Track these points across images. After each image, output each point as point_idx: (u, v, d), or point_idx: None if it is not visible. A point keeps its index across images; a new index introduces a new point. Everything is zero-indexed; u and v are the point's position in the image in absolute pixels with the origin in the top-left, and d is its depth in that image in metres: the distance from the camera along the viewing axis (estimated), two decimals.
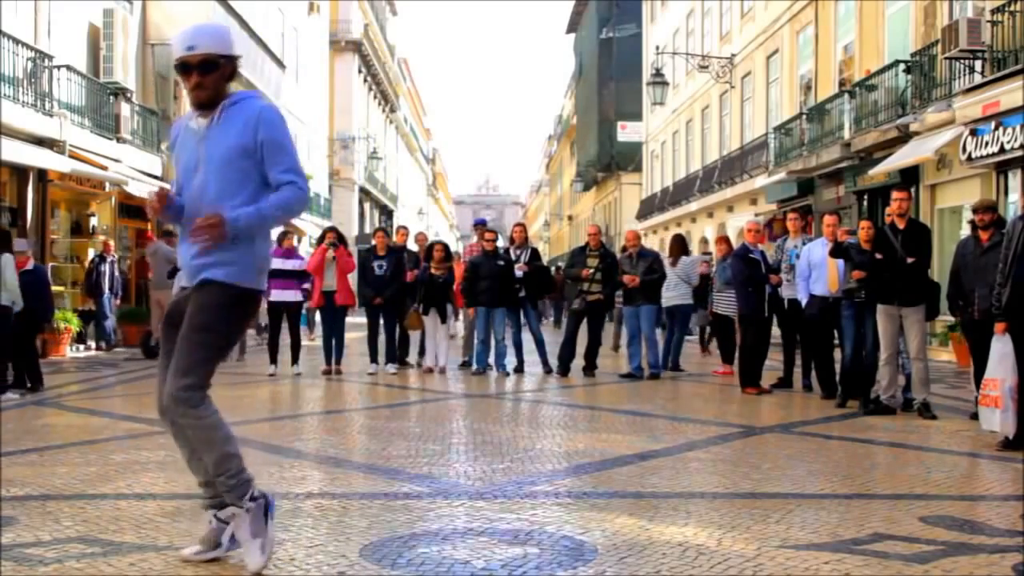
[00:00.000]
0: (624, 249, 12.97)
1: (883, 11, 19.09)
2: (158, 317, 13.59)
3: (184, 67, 3.75)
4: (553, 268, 23.29)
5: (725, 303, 13.30)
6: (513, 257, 12.92)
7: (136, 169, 19.00)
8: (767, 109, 26.54)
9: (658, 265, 12.38)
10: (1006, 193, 14.31)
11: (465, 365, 13.38)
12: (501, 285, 12.41)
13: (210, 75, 3.74)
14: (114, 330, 17.26)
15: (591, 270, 12.38)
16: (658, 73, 28.96)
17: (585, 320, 12.55)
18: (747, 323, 10.70)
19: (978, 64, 14.28)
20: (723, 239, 14.55)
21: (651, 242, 36.29)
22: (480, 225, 14.27)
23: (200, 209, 3.73)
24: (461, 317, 13.79)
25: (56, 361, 14.97)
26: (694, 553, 4.08)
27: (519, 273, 12.70)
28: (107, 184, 17.71)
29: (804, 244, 10.60)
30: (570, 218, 68.69)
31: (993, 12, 13.98)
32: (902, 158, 16.00)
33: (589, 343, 12.58)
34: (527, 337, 13.08)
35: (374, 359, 12.75)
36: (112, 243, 17.76)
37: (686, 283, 13.30)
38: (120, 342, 17.50)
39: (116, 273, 17.19)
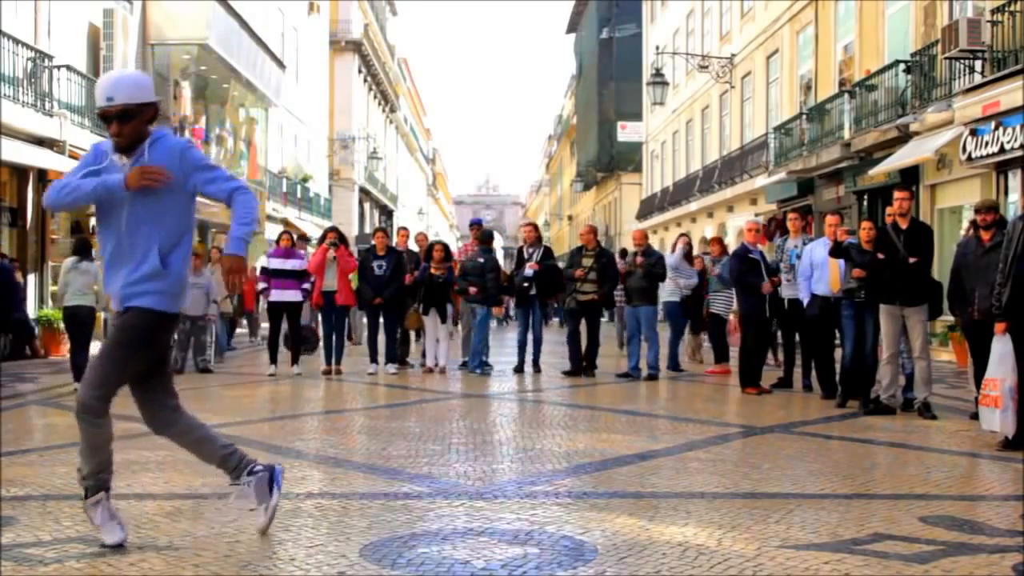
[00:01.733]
0: (623, 252, 12.97)
1: (883, 11, 19.08)
2: None
3: (104, 116, 4.06)
4: None
5: (720, 303, 13.32)
6: (526, 256, 12.94)
7: None
8: (767, 109, 26.55)
9: (660, 267, 12.38)
10: (1006, 193, 14.31)
11: (465, 365, 13.37)
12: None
13: (128, 123, 4.03)
14: None
15: (585, 270, 12.38)
16: (658, 73, 28.96)
17: (583, 320, 12.58)
18: (747, 323, 10.69)
19: (978, 64, 14.28)
20: (717, 240, 14.57)
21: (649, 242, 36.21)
22: (476, 225, 14.26)
23: (131, 238, 4.07)
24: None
25: (56, 361, 14.97)
26: (694, 553, 4.08)
27: (529, 272, 12.71)
28: None
29: (804, 244, 10.60)
30: (570, 218, 68.71)
31: (993, 12, 13.98)
32: (902, 158, 16.00)
33: (588, 343, 12.58)
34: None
35: (374, 359, 12.75)
36: None
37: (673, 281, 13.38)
38: None
39: None
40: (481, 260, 12.74)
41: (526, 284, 12.69)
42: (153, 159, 4.05)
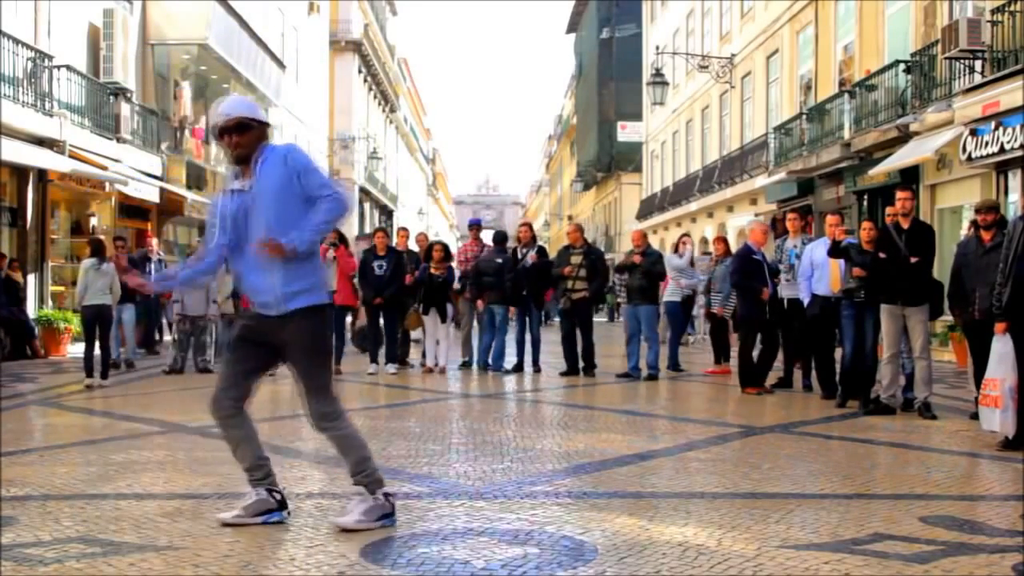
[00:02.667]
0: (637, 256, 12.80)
1: (883, 11, 19.09)
2: None
3: (222, 132, 4.48)
4: None
5: (720, 303, 13.32)
6: (520, 255, 12.95)
7: (136, 169, 19.01)
8: (767, 109, 26.55)
9: (659, 266, 12.38)
10: (1006, 193, 14.31)
11: (465, 365, 13.37)
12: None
13: (244, 135, 4.46)
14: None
15: (574, 268, 12.38)
16: (658, 73, 28.96)
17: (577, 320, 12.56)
18: (746, 325, 10.68)
19: (978, 64, 14.28)
20: (721, 239, 14.54)
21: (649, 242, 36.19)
22: (476, 226, 14.24)
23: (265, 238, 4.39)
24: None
25: (56, 361, 14.98)
26: (694, 553, 4.08)
27: (530, 263, 12.72)
28: (107, 184, 17.71)
29: (803, 244, 10.60)
30: (570, 218, 68.71)
31: (993, 12, 13.97)
32: (902, 158, 15.99)
33: (584, 342, 12.54)
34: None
35: (374, 359, 12.75)
36: (155, 241, 16.81)
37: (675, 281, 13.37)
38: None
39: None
40: (499, 260, 12.79)
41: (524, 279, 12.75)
42: (264, 173, 4.43)
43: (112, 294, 11.56)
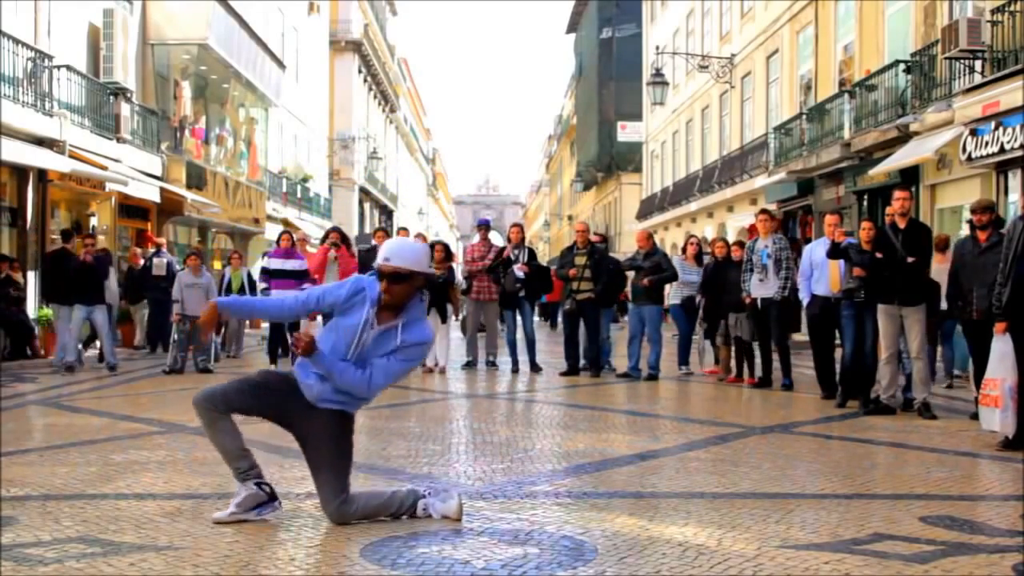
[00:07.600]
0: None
1: (883, 11, 19.08)
2: None
3: (379, 273, 4.48)
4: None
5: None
6: (512, 257, 12.93)
7: (136, 169, 19.00)
8: (767, 109, 26.54)
9: (666, 264, 12.37)
10: (1006, 193, 14.30)
11: (468, 365, 13.36)
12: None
13: (397, 285, 4.42)
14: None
15: (579, 268, 12.37)
16: (658, 73, 28.95)
17: (582, 320, 12.55)
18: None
19: (978, 64, 14.27)
20: (721, 240, 14.54)
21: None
22: (483, 226, 14.23)
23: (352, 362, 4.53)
24: (462, 316, 13.78)
25: None
26: (694, 553, 4.08)
27: (520, 274, 12.71)
28: (107, 184, 17.70)
29: (774, 244, 10.83)
30: (570, 218, 68.68)
31: (993, 12, 13.97)
32: (902, 158, 15.99)
33: (589, 343, 12.54)
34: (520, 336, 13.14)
35: None
36: (163, 240, 17.36)
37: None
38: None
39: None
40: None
41: (518, 285, 12.74)
42: (401, 335, 4.50)
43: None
